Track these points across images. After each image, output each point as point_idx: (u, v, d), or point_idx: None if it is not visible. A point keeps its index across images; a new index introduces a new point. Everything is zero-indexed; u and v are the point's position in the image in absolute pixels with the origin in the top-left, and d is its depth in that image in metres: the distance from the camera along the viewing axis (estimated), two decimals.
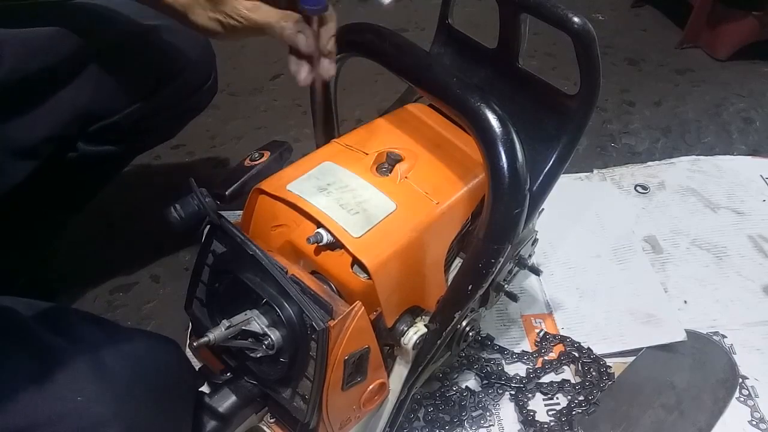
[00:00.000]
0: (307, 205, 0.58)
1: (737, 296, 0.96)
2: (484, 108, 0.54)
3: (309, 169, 0.62)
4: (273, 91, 1.41)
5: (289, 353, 0.54)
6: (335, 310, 0.52)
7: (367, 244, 0.56)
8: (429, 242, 0.60)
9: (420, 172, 0.62)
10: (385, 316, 0.58)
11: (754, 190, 1.14)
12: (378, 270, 0.55)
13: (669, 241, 1.04)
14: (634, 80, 1.45)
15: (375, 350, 0.58)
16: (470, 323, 0.70)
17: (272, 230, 0.61)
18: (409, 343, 0.60)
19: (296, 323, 0.52)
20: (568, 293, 0.96)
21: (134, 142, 0.88)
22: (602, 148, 1.25)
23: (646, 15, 1.69)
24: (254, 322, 0.53)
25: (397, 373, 0.64)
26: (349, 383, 0.56)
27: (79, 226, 1.07)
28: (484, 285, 0.59)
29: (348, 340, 0.54)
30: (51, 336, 0.49)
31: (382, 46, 0.62)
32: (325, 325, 0.51)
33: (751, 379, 0.84)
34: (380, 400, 0.63)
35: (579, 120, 0.62)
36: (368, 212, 0.58)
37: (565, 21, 0.56)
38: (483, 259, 0.57)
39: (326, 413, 0.56)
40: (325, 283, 0.57)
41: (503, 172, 0.53)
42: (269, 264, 0.53)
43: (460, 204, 0.62)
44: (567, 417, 0.79)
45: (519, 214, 0.55)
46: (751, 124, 1.32)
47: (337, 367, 0.54)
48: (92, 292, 0.98)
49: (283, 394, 0.57)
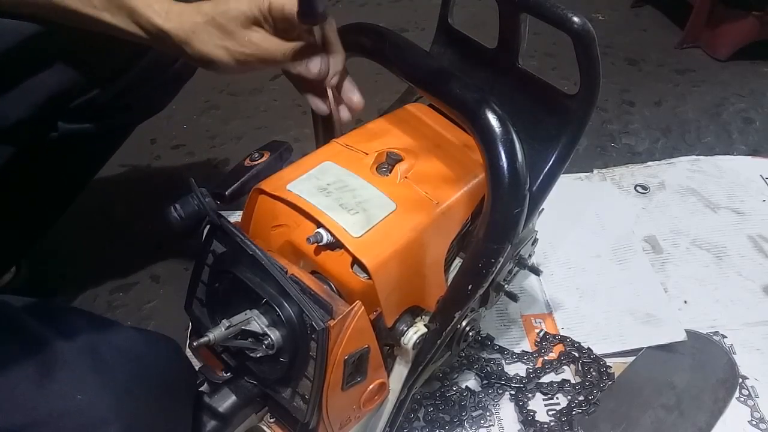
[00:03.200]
0: (306, 205, 0.57)
1: (737, 296, 0.96)
2: (483, 107, 0.54)
3: (309, 168, 0.62)
4: (273, 91, 1.41)
5: (289, 353, 0.53)
6: (335, 310, 0.52)
7: (366, 243, 0.55)
8: (429, 242, 0.59)
9: (420, 172, 0.62)
10: (384, 316, 0.58)
11: (754, 190, 1.14)
12: (378, 270, 0.55)
13: (669, 241, 1.04)
14: (634, 80, 1.45)
15: (375, 350, 0.58)
16: (470, 323, 0.70)
17: (272, 230, 0.61)
18: (409, 343, 0.60)
19: (296, 323, 0.52)
20: (568, 293, 0.96)
21: (117, 118, 0.85)
22: (602, 148, 1.25)
23: (646, 15, 1.69)
24: (254, 322, 0.53)
25: (397, 373, 0.64)
26: (349, 383, 0.56)
27: (79, 226, 1.07)
28: (484, 285, 0.59)
29: (348, 340, 0.53)
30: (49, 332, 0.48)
31: (382, 46, 0.62)
32: (325, 325, 0.51)
33: (751, 379, 0.84)
34: (380, 400, 0.63)
35: (579, 120, 0.62)
36: (368, 212, 0.57)
37: (565, 21, 0.56)
38: (483, 259, 0.57)
39: (326, 413, 0.56)
40: (325, 283, 0.57)
41: (503, 172, 0.53)
42: (269, 264, 0.53)
43: (460, 204, 0.62)
44: (567, 417, 0.79)
45: (519, 214, 0.55)
46: (751, 124, 1.32)
47: (337, 367, 0.54)
48: (92, 292, 0.98)
49: (282, 394, 0.57)
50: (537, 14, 0.58)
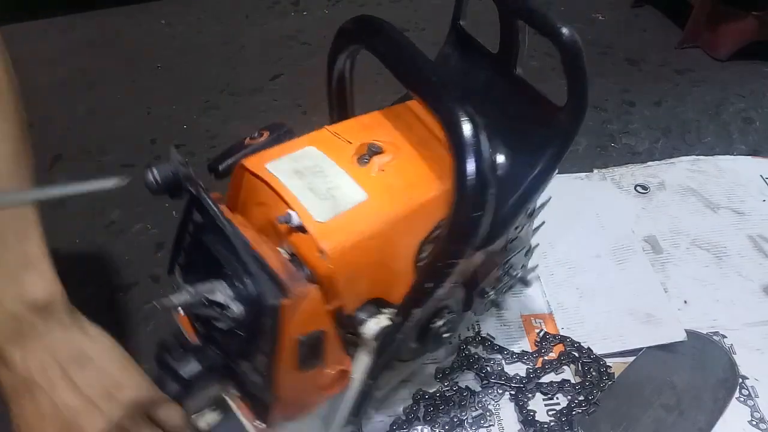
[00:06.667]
0: (279, 186, 0.58)
1: (737, 296, 0.96)
2: (457, 109, 0.54)
3: (292, 151, 0.63)
4: (273, 91, 1.41)
5: (248, 327, 0.54)
6: (291, 290, 0.53)
7: (330, 229, 0.56)
8: (397, 237, 0.59)
9: (398, 166, 0.62)
10: (345, 304, 0.59)
11: (754, 190, 1.14)
12: (338, 257, 0.55)
13: (669, 241, 1.04)
14: (634, 80, 1.44)
15: (333, 336, 0.58)
16: (447, 324, 0.71)
17: (255, 207, 0.62)
18: (367, 333, 0.60)
19: (254, 298, 0.53)
20: (568, 293, 0.96)
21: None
22: (602, 148, 1.25)
23: (646, 15, 1.69)
24: (219, 293, 0.54)
25: (361, 362, 0.64)
26: (305, 364, 0.57)
27: (79, 225, 1.07)
28: (442, 284, 0.59)
29: (301, 321, 0.54)
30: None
31: (376, 38, 0.63)
32: (277, 303, 0.51)
33: (751, 379, 0.84)
34: (341, 386, 0.64)
35: (565, 134, 0.61)
36: (337, 199, 0.58)
37: (553, 31, 0.55)
38: (443, 258, 0.57)
39: (282, 390, 0.57)
40: (299, 266, 0.57)
41: (467, 175, 0.53)
42: (234, 237, 0.54)
43: (435, 203, 0.61)
44: (567, 417, 0.79)
45: (479, 219, 0.55)
46: (751, 124, 1.32)
47: (290, 346, 0.54)
48: (92, 292, 0.98)
49: (242, 367, 0.58)
50: (528, 21, 0.58)
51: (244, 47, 1.57)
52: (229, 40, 1.60)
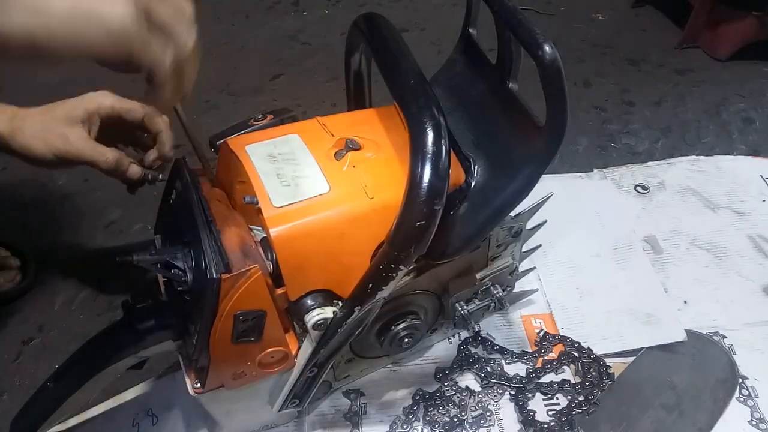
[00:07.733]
0: (249, 167, 0.60)
1: (737, 296, 0.96)
2: (423, 115, 0.54)
3: (276, 136, 0.64)
4: (273, 91, 1.41)
5: (195, 295, 0.58)
6: (234, 267, 0.55)
7: (282, 215, 0.57)
8: (353, 234, 0.59)
9: (372, 165, 0.62)
10: (288, 290, 0.60)
11: (754, 190, 1.14)
12: (281, 243, 0.56)
13: (669, 241, 1.04)
14: (634, 80, 1.45)
15: (274, 317, 0.59)
16: (408, 329, 0.74)
17: (238, 185, 0.64)
18: (309, 322, 0.60)
19: (201, 269, 0.56)
20: (568, 293, 0.96)
21: None
22: (602, 148, 1.25)
23: (646, 15, 1.69)
24: (179, 260, 0.58)
25: (305, 349, 0.65)
26: (240, 339, 0.59)
27: (79, 225, 1.07)
28: (383, 287, 0.58)
29: (239, 297, 0.56)
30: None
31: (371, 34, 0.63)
32: (218, 276, 0.54)
33: (751, 379, 0.84)
34: (282, 368, 0.65)
35: (542, 156, 0.57)
36: (299, 188, 0.59)
37: (535, 46, 0.52)
38: (385, 262, 0.57)
39: (215, 358, 0.59)
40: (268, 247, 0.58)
41: (417, 182, 0.53)
42: (197, 210, 0.58)
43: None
44: (567, 417, 0.79)
45: (423, 227, 0.54)
46: (751, 124, 1.32)
47: (225, 319, 0.56)
48: (92, 292, 0.98)
49: (188, 330, 0.61)
50: (514, 33, 0.56)
51: (244, 47, 1.57)
52: (229, 40, 1.60)
